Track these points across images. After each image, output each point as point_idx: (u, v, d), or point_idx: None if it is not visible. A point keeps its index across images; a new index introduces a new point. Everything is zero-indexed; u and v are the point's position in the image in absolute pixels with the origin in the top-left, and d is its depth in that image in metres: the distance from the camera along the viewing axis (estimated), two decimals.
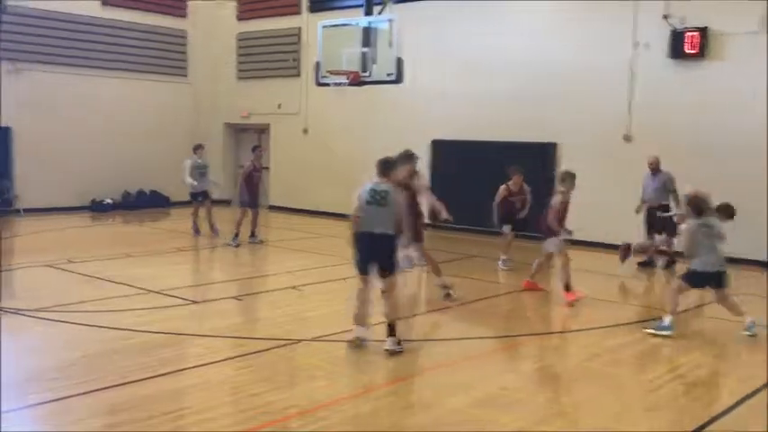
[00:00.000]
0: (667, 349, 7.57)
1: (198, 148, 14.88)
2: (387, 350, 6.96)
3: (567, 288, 9.40)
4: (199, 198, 14.70)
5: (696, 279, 8.00)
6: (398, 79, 12.30)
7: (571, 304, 9.25)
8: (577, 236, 12.28)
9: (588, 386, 6.38)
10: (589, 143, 14.19)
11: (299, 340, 7.38)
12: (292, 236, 15.33)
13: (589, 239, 13.34)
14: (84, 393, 5.71)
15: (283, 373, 6.54)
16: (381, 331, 7.19)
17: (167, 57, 19.96)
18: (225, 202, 18.57)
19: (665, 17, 13.23)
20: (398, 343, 7.05)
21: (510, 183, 11.79)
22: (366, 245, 7.09)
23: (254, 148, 14.66)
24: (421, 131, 16.43)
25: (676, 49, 13.10)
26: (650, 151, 12.55)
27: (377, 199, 7.03)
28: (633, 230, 12.38)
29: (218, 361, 6.75)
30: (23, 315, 8.10)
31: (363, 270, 7.20)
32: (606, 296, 10.03)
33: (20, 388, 5.90)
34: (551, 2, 14.69)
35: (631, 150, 13.67)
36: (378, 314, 7.37)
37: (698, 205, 8.01)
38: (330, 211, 17.54)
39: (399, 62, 12.06)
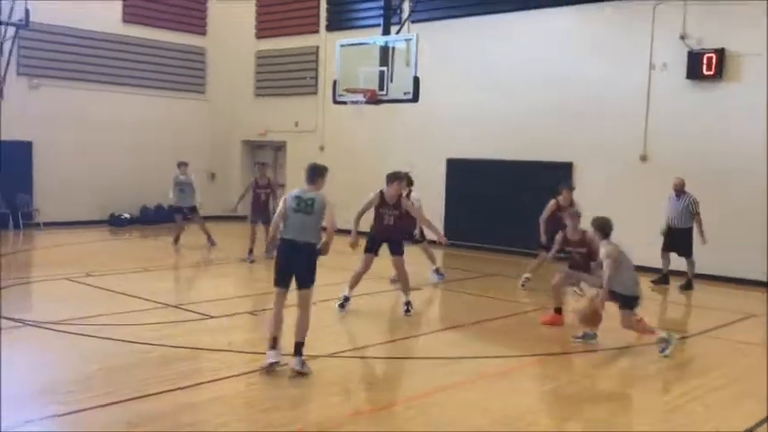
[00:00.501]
0: (684, 370, 7.52)
1: (180, 165, 15.14)
2: (293, 369, 6.64)
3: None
4: (182, 213, 14.99)
5: (626, 302, 7.97)
6: (415, 98, 12.38)
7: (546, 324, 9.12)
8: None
9: (602, 407, 6.35)
10: (605, 163, 14.18)
11: (314, 356, 7.39)
12: None
13: None
14: (101, 406, 5.75)
15: (298, 388, 6.55)
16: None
17: (186, 74, 20.20)
18: (241, 219, 18.65)
19: (683, 38, 13.25)
20: (304, 363, 6.70)
21: (560, 197, 11.33)
22: (286, 253, 6.86)
23: (257, 164, 14.85)
24: (436, 150, 16.51)
25: (693, 70, 13.10)
26: (666, 172, 12.53)
27: (302, 207, 6.84)
28: (649, 251, 12.32)
29: (234, 375, 6.78)
30: (42, 327, 8.17)
31: (279, 282, 6.91)
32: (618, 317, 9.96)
33: (38, 399, 5.95)
34: (568, 22, 14.77)
35: (648, 171, 13.65)
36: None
37: (604, 227, 8.04)
38: (346, 229, 17.56)
39: (416, 81, 12.14)
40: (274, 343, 6.82)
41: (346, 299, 9.69)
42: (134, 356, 7.19)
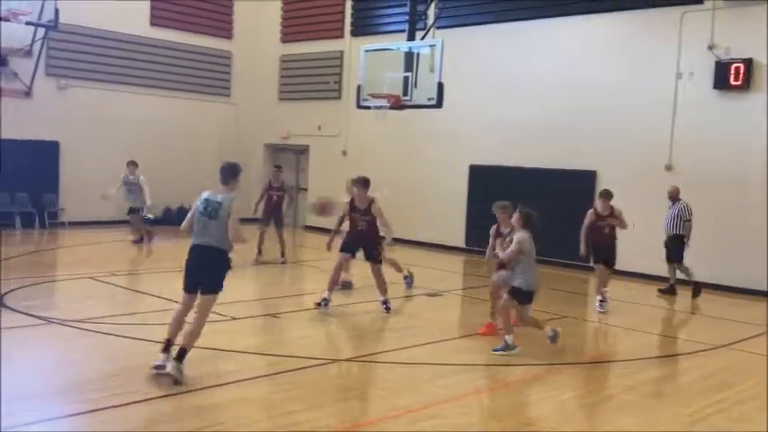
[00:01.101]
0: (709, 382, 7.43)
1: (129, 164, 15.33)
2: (168, 374, 6.35)
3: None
4: (136, 212, 15.35)
5: (524, 297, 8.02)
6: (438, 104, 12.40)
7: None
8: (618, 266, 12.22)
9: (625, 418, 6.28)
10: (630, 172, 14.08)
11: (334, 360, 7.41)
12: (329, 256, 15.37)
13: (629, 270, 13.20)
14: (122, 405, 5.80)
15: (318, 392, 6.55)
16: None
17: (212, 77, 20.36)
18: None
19: (710, 48, 13.13)
20: (181, 372, 6.38)
21: (598, 206, 10.92)
22: (193, 257, 6.68)
23: (274, 167, 15.08)
24: (459, 156, 16.50)
25: (721, 80, 12.99)
26: (692, 182, 12.44)
27: (209, 210, 6.60)
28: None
29: (254, 378, 6.82)
30: (66, 326, 8.26)
31: (186, 287, 6.74)
32: (645, 327, 9.89)
33: (62, 397, 6.02)
34: (593, 29, 14.71)
35: (673, 180, 13.49)
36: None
37: (527, 219, 8.07)
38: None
39: (440, 87, 12.16)
40: (166, 345, 6.62)
41: (325, 300, 9.82)
42: (156, 356, 7.23)
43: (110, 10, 17.94)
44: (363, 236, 9.91)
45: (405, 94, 12.77)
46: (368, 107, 13.31)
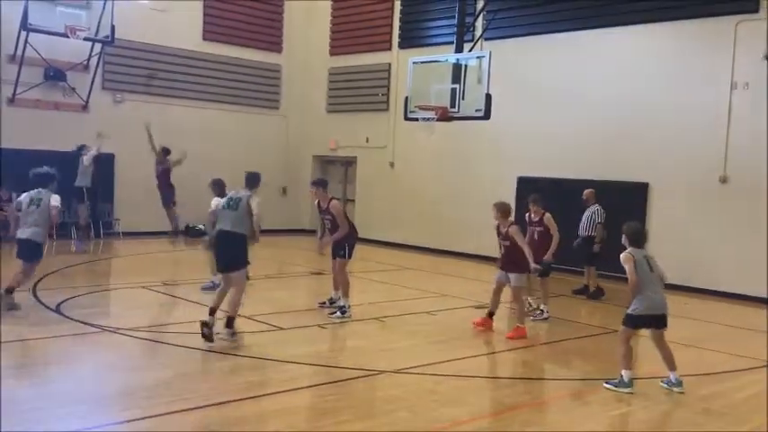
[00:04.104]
0: (764, 400, 7.23)
1: (81, 147, 15.72)
2: (222, 339, 8.04)
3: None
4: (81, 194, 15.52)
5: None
6: (486, 115, 12.37)
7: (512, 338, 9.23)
8: (672, 280, 11.93)
9: None
10: (683, 184, 13.83)
11: (382, 371, 7.43)
12: (376, 267, 15.46)
13: (683, 283, 12.97)
14: (173, 412, 5.90)
15: (366, 403, 6.58)
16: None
17: (262, 90, 20.67)
18: (310, 232, 18.91)
19: (765, 58, 12.84)
20: (233, 335, 8.16)
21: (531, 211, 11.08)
22: (219, 241, 8.43)
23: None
24: (507, 168, 16.41)
25: None
26: (748, 193, 12.18)
27: (230, 204, 8.46)
28: (727, 275, 11.95)
29: (302, 387, 6.87)
30: (120, 334, 8.45)
31: (219, 268, 8.63)
32: (697, 342, 9.68)
33: (117, 403, 6.16)
34: (643, 39, 14.51)
35: (727, 192, 13.25)
36: None
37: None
38: (414, 245, 17.64)
39: (488, 98, 12.14)
40: (212, 310, 8.14)
41: (332, 300, 10.35)
42: (206, 364, 7.38)
43: (163, 26, 18.40)
44: (331, 234, 10.16)
45: (452, 105, 12.78)
46: (415, 119, 13.35)
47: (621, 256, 7.25)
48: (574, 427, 6.14)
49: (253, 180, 8.77)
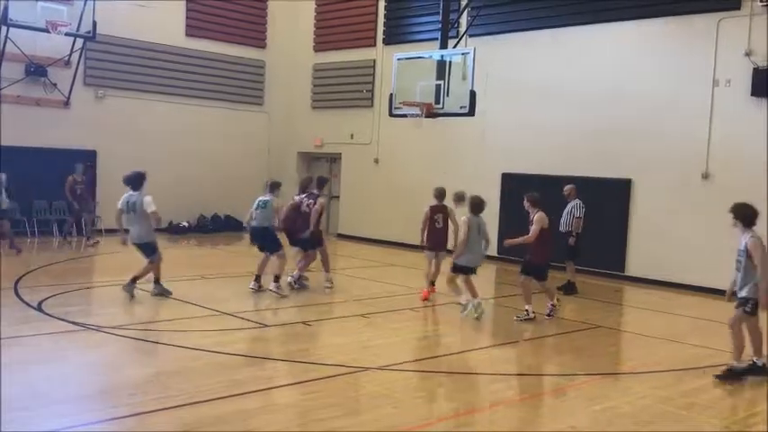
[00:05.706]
0: (748, 395, 7.30)
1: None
2: (269, 290, 10.79)
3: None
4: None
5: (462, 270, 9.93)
6: (471, 112, 12.40)
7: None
8: (654, 275, 12.05)
9: (658, 430, 6.19)
10: (665, 180, 13.92)
11: (367, 368, 7.42)
12: (360, 264, 15.46)
13: (665, 279, 13.06)
14: (158, 410, 5.87)
15: (350, 399, 6.57)
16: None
17: (245, 86, 20.59)
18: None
19: (747, 54, 12.94)
20: (280, 288, 10.81)
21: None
22: (254, 235, 11.48)
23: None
24: (491, 164, 16.44)
25: (758, 87, 12.77)
26: (729, 190, 12.20)
27: (260, 205, 11.17)
28: (709, 270, 12.03)
29: (286, 385, 6.86)
30: (103, 332, 8.39)
31: (258, 248, 11.37)
32: (679, 338, 9.75)
33: (99, 401, 6.12)
34: (627, 36, 14.58)
35: (710, 188, 13.34)
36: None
37: (474, 203, 10.02)
38: (398, 242, 17.63)
39: (472, 95, 12.16)
40: (257, 276, 11.06)
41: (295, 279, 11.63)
42: (190, 362, 7.33)
43: (146, 21, 18.27)
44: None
45: (437, 102, 12.80)
46: (401, 115, 13.35)
47: (461, 219, 10.10)
48: (557, 422, 6.17)
49: (275, 186, 11.59)
